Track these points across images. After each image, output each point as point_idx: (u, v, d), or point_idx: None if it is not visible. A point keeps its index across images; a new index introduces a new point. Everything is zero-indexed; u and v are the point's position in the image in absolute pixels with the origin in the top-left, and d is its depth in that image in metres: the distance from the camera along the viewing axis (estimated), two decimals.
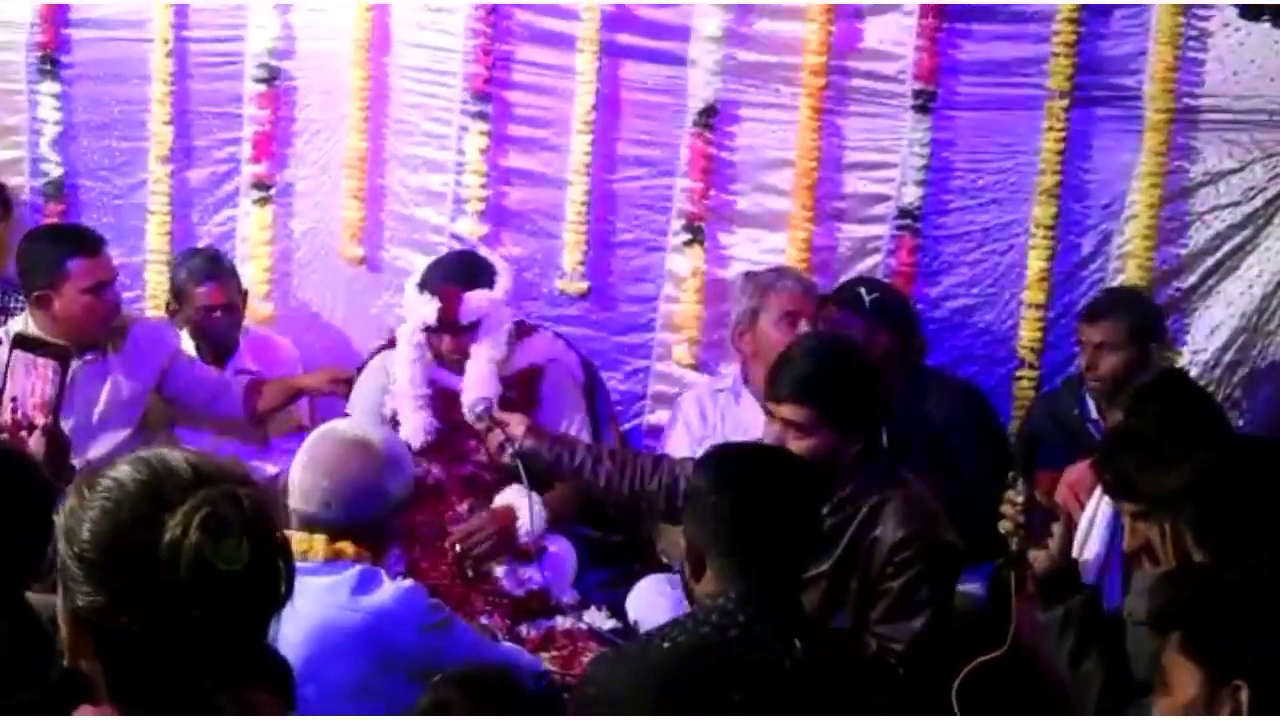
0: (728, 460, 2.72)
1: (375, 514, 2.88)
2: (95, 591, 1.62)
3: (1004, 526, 3.06)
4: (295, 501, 2.84)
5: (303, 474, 2.86)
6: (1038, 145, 4.68)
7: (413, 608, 2.81)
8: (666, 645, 2.53)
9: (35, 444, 3.22)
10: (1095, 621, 3.02)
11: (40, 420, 3.22)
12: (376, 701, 2.73)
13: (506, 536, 3.98)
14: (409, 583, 2.91)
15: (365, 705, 2.72)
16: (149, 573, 1.59)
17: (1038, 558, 3.07)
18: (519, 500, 4.02)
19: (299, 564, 2.67)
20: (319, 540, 2.77)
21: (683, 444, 4.17)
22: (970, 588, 3.76)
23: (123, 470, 1.65)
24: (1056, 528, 3.11)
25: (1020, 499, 3.04)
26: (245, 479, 1.69)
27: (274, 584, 1.68)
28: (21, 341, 2.94)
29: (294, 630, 2.68)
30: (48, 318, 4.01)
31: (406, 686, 2.73)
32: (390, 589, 2.80)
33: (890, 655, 3.27)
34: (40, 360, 2.96)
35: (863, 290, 4.39)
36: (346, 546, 2.79)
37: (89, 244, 4.16)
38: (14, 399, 3.05)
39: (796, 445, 3.28)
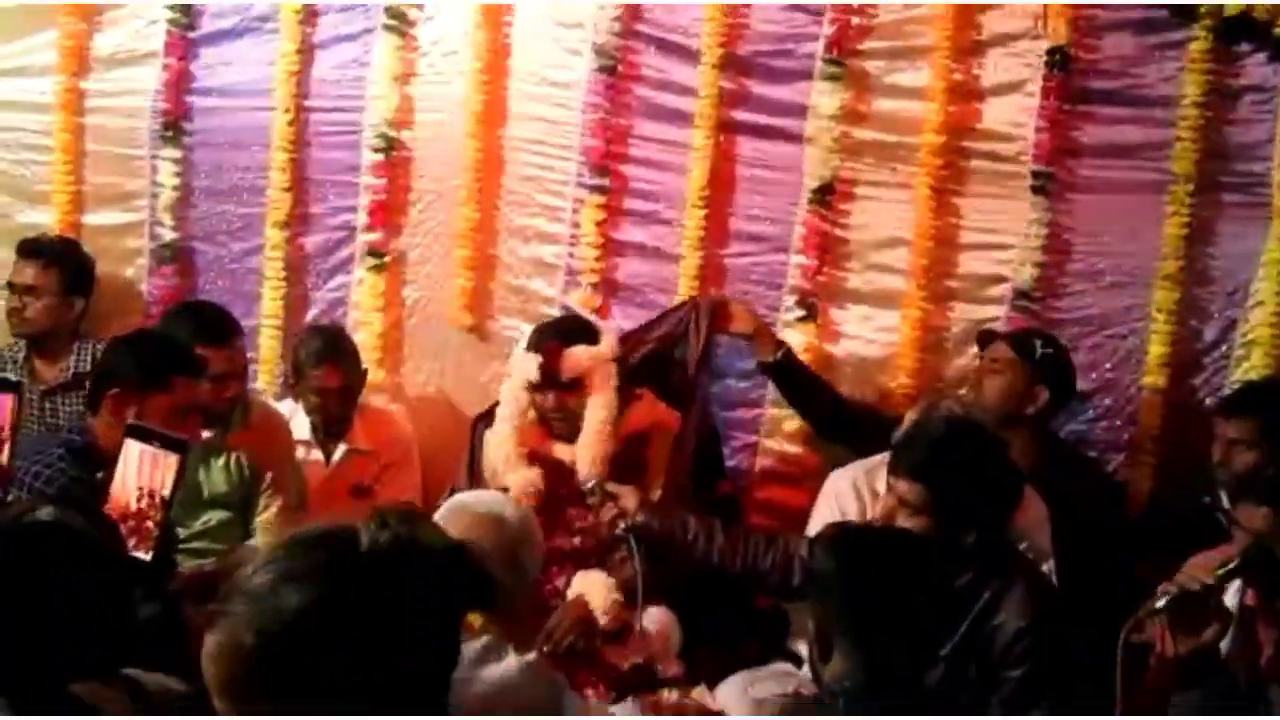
0: (850, 541, 2.68)
1: (506, 589, 2.84)
2: None
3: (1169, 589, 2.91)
4: None
5: None
6: (1160, 230, 4.60)
7: (535, 682, 2.76)
8: None
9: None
10: (1233, 706, 2.91)
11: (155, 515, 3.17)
12: None
13: (587, 626, 3.92)
14: (531, 656, 2.86)
15: None
16: None
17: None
18: (591, 586, 3.98)
19: None
20: None
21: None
22: None
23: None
24: None
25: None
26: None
27: None
28: (137, 431, 2.88)
29: None
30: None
31: None
32: (513, 662, 2.75)
33: None
34: (158, 452, 2.88)
35: (1038, 342, 4.32)
36: (474, 619, 2.76)
37: (216, 333, 4.19)
38: (141, 488, 2.97)
39: (907, 522, 3.27)
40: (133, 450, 2.86)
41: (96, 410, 3.62)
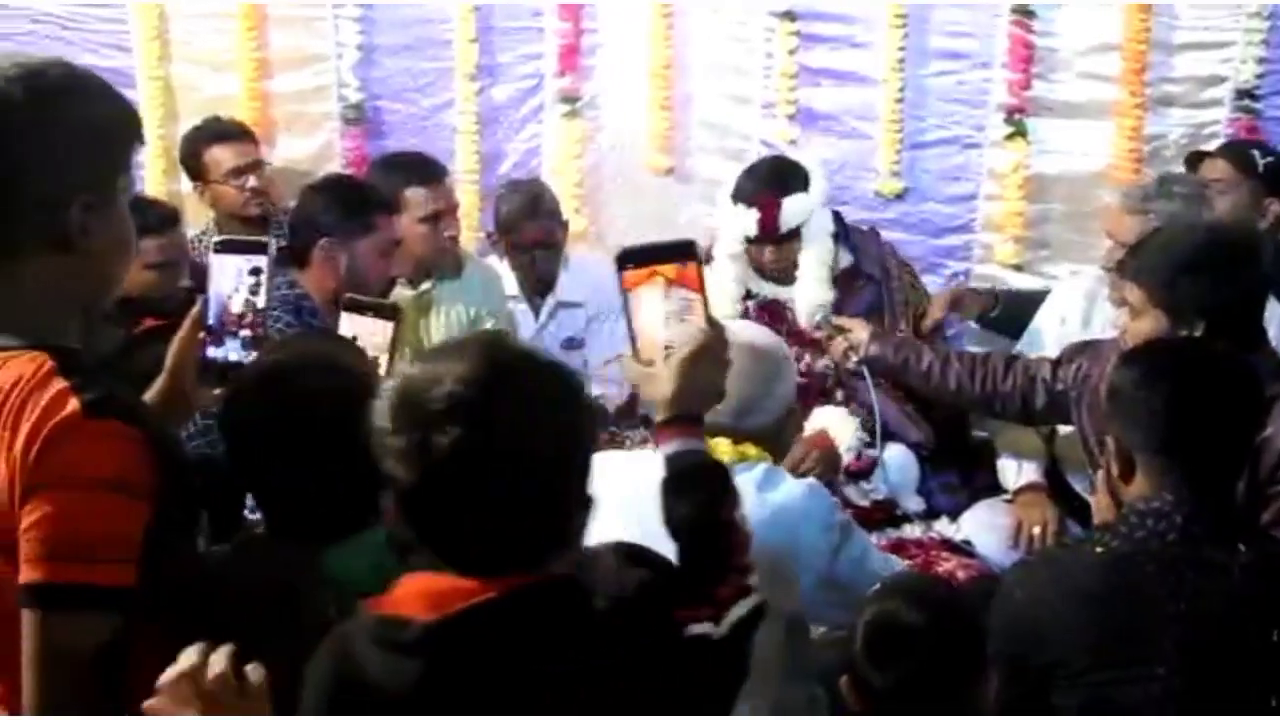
0: (1157, 355, 2.57)
1: (776, 416, 2.82)
2: None
3: None
4: None
5: None
6: None
7: (817, 505, 2.75)
8: (1099, 551, 2.40)
9: None
10: None
11: None
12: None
13: (830, 461, 3.86)
14: (811, 480, 2.84)
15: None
16: None
17: None
18: (834, 421, 3.91)
19: None
20: (723, 444, 2.70)
21: (1051, 334, 3.98)
22: None
23: None
24: None
25: None
26: None
27: None
28: (349, 304, 2.83)
29: None
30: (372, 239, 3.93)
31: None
32: (795, 485, 2.74)
33: None
34: (373, 322, 2.83)
35: (1256, 153, 4.16)
36: (749, 449, 2.74)
37: (428, 173, 4.16)
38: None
39: (1134, 326, 3.17)
40: (347, 323, 2.82)
41: (305, 264, 3.60)
